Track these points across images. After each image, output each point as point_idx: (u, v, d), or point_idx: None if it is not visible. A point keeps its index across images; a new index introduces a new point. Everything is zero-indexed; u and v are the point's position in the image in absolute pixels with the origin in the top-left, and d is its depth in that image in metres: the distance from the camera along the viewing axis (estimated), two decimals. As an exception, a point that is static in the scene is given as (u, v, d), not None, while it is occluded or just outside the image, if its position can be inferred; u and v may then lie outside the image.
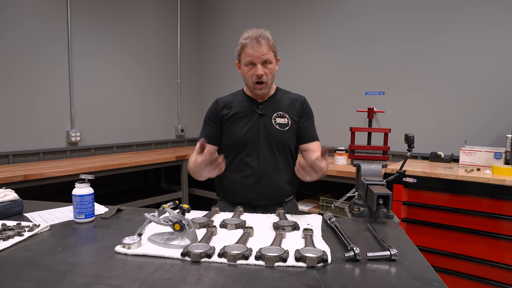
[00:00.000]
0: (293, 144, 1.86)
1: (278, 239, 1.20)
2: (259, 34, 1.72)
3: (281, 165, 1.82)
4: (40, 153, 3.27)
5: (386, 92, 3.33)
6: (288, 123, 1.82)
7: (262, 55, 1.70)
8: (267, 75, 1.74)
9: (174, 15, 4.38)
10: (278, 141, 1.80)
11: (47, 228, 1.34)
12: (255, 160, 1.79)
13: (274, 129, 1.80)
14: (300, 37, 3.83)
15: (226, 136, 1.85)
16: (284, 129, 1.81)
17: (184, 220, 1.17)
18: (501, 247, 2.27)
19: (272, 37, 1.77)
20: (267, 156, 1.80)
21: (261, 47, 1.70)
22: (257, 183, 1.78)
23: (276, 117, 1.82)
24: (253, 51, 1.70)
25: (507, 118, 2.79)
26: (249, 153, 1.79)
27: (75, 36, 3.44)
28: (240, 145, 1.80)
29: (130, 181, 4.03)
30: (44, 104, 3.29)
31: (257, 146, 1.79)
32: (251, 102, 1.86)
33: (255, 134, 1.79)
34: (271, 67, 1.76)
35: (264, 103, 1.85)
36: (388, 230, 1.40)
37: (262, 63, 1.72)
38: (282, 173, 1.82)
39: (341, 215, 2.76)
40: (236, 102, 1.87)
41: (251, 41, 1.71)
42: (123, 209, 1.64)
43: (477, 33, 2.91)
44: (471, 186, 2.32)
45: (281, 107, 1.85)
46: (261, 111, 1.82)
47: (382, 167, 1.72)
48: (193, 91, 4.64)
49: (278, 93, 1.91)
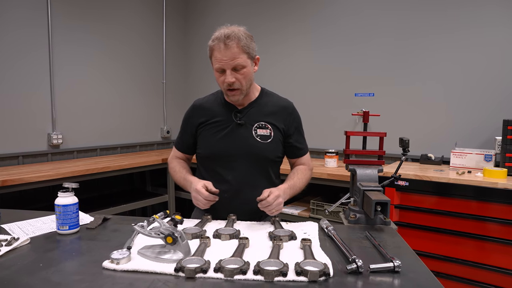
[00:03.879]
0: (275, 157, 1.68)
1: (276, 251, 1.14)
2: (228, 35, 1.48)
3: (260, 180, 1.64)
4: (19, 157, 3.13)
5: (376, 93, 3.31)
6: (271, 134, 1.64)
7: (231, 60, 1.49)
8: (240, 80, 1.53)
9: (159, 16, 4.27)
10: (258, 155, 1.62)
11: (27, 242, 1.24)
12: (231, 174, 1.62)
13: (254, 141, 1.61)
14: (288, 38, 3.78)
15: (199, 145, 1.69)
16: (266, 141, 1.62)
17: (176, 232, 1.11)
18: (492, 250, 2.26)
19: (246, 36, 1.53)
20: (245, 171, 1.62)
21: (229, 50, 1.47)
22: (233, 199, 1.61)
23: (257, 127, 1.63)
24: (221, 56, 1.49)
25: (496, 120, 2.79)
26: (224, 166, 1.62)
27: (56, 37, 3.31)
28: (214, 157, 1.64)
29: (115, 184, 3.92)
30: (24, 106, 3.15)
31: (234, 159, 1.62)
32: (230, 108, 1.66)
33: (232, 145, 1.61)
34: (245, 72, 1.53)
35: (244, 111, 1.65)
36: (387, 238, 1.36)
37: (232, 69, 1.51)
38: (261, 188, 1.56)
39: (334, 219, 2.75)
40: (214, 107, 1.69)
41: (218, 44, 1.49)
42: (109, 218, 1.55)
43: (467, 35, 2.91)
44: (463, 189, 2.30)
45: (263, 115, 1.65)
46: (239, 120, 1.62)
47: (378, 172, 1.69)
48: (179, 92, 4.55)
49: (261, 98, 1.70)
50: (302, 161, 1.78)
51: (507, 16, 2.76)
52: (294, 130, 1.72)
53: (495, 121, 2.82)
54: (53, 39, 3.29)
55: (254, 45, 1.58)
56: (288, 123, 1.70)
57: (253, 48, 1.57)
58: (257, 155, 1.62)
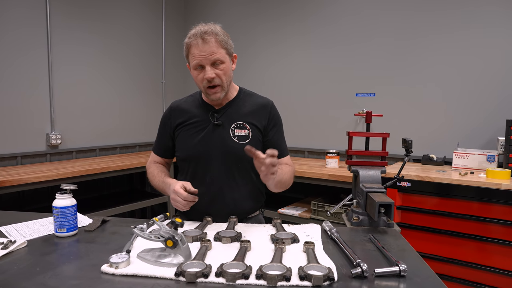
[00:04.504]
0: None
1: (279, 255, 1.12)
2: (205, 31, 1.46)
3: (239, 181, 1.60)
4: (17, 157, 3.10)
5: (376, 93, 3.29)
6: (249, 134, 1.58)
7: (210, 55, 1.46)
8: (220, 76, 1.50)
9: (158, 15, 4.25)
10: (236, 156, 1.56)
11: (24, 245, 1.22)
12: (208, 177, 1.57)
13: (232, 142, 1.57)
14: (287, 37, 3.75)
15: (177, 147, 1.66)
16: (244, 142, 1.57)
17: (177, 236, 1.08)
18: (495, 251, 2.24)
19: (223, 32, 1.51)
20: (223, 172, 1.57)
21: (208, 45, 1.45)
22: (212, 203, 1.57)
23: (234, 128, 1.58)
24: (199, 52, 1.46)
25: (499, 120, 2.77)
26: (202, 169, 1.57)
27: (55, 37, 3.28)
28: (192, 159, 1.60)
29: (114, 185, 3.89)
30: (23, 105, 3.12)
31: (211, 161, 1.57)
32: (207, 109, 1.62)
33: (209, 147, 1.57)
34: (224, 67, 1.50)
35: (221, 111, 1.61)
36: (391, 241, 1.34)
37: (211, 64, 1.48)
38: (240, 190, 1.59)
39: (335, 220, 2.73)
40: (192, 108, 1.65)
41: (195, 39, 1.46)
42: (108, 219, 1.53)
43: (469, 34, 2.89)
44: (466, 190, 2.28)
45: (241, 115, 1.61)
46: (216, 121, 1.58)
47: (381, 173, 1.66)
48: (179, 92, 4.52)
49: (239, 97, 1.66)
50: (282, 162, 1.68)
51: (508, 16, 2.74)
52: (272, 129, 1.65)
53: (496, 121, 2.80)
54: (52, 38, 3.26)
55: (231, 42, 1.56)
56: (266, 121, 1.64)
57: (231, 44, 1.55)
58: (234, 156, 1.57)
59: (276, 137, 1.66)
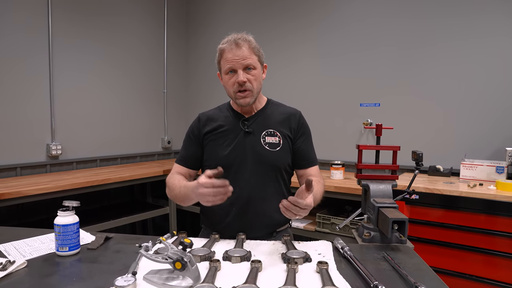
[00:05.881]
0: (285, 166, 1.61)
1: (292, 276, 1.07)
2: (239, 37, 1.52)
3: (270, 191, 1.57)
4: (17, 168, 3.05)
5: (381, 103, 3.25)
6: (280, 142, 1.58)
7: (243, 59, 1.49)
8: (251, 81, 1.51)
9: (160, 23, 4.23)
10: (267, 164, 1.56)
11: (23, 265, 1.16)
12: (239, 186, 1.52)
13: (263, 150, 1.56)
14: (291, 46, 3.72)
15: (206, 156, 1.62)
16: (275, 149, 1.57)
17: (185, 257, 1.03)
18: (507, 266, 2.18)
19: (255, 41, 1.56)
20: (254, 181, 1.55)
21: (241, 50, 1.49)
22: (242, 212, 1.54)
23: (265, 135, 1.58)
24: (232, 56, 1.49)
25: (506, 130, 2.73)
26: (233, 177, 1.46)
27: (56, 45, 3.25)
28: (223, 168, 1.54)
29: (115, 196, 3.83)
30: (23, 115, 3.07)
31: (242, 170, 1.55)
32: (237, 117, 1.62)
33: (241, 155, 1.55)
34: (256, 73, 1.53)
35: (251, 119, 1.61)
36: (406, 259, 1.29)
37: (244, 69, 1.50)
38: (271, 200, 1.54)
39: (343, 234, 2.67)
40: (221, 117, 1.64)
41: (229, 44, 1.50)
42: (111, 236, 1.47)
43: (475, 43, 2.85)
44: (475, 202, 2.23)
45: (271, 123, 1.61)
46: (247, 129, 1.58)
47: (392, 187, 1.62)
48: (180, 101, 4.48)
49: (268, 107, 1.67)
50: (311, 173, 1.66)
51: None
52: (300, 137, 1.65)
53: (503, 131, 2.76)
54: (53, 46, 3.23)
55: (262, 51, 1.60)
56: (296, 130, 1.64)
57: (262, 53, 1.59)
58: (266, 164, 1.56)
59: (305, 146, 1.66)
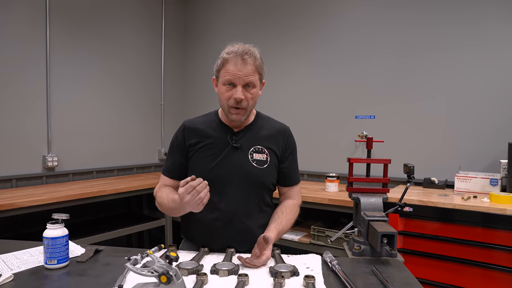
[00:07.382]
0: (270, 184, 1.59)
1: (278, 290, 1.07)
2: (246, 51, 1.45)
3: (254, 207, 1.55)
4: (12, 180, 3.05)
5: (376, 115, 3.27)
6: (267, 159, 1.56)
7: (246, 76, 1.44)
8: (248, 100, 1.47)
9: (158, 34, 4.26)
10: (254, 180, 1.53)
11: (10, 279, 1.16)
12: (223, 201, 1.50)
13: (250, 166, 1.52)
14: (286, 57, 3.75)
15: (190, 169, 1.56)
16: (262, 166, 1.54)
17: (171, 270, 1.03)
18: (499, 279, 2.17)
19: (260, 57, 1.52)
20: (239, 197, 1.51)
21: (246, 66, 1.44)
22: (225, 228, 1.50)
23: (253, 152, 1.55)
24: (235, 69, 1.43)
25: (500, 143, 2.74)
26: (217, 192, 1.45)
27: (53, 57, 3.28)
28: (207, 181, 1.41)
29: (111, 208, 3.82)
30: (19, 126, 3.08)
31: (228, 185, 1.51)
32: (225, 130, 1.57)
33: (226, 170, 1.51)
34: (254, 92, 1.49)
35: (240, 133, 1.57)
36: (395, 273, 1.28)
37: (243, 86, 1.46)
38: (255, 217, 1.54)
39: (336, 246, 2.66)
40: (207, 128, 1.59)
41: (235, 57, 1.44)
42: (101, 249, 1.47)
43: (470, 54, 2.88)
44: (469, 215, 2.23)
45: (260, 139, 1.58)
46: (235, 144, 1.54)
47: (382, 201, 1.62)
48: (178, 113, 4.50)
49: (257, 121, 1.63)
50: (292, 193, 1.68)
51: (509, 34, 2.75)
52: (288, 156, 1.64)
53: (498, 143, 2.77)
54: (50, 58, 3.25)
55: (265, 69, 1.56)
56: (284, 149, 1.62)
57: (264, 71, 1.55)
58: (252, 181, 1.53)
59: (291, 165, 1.66)
